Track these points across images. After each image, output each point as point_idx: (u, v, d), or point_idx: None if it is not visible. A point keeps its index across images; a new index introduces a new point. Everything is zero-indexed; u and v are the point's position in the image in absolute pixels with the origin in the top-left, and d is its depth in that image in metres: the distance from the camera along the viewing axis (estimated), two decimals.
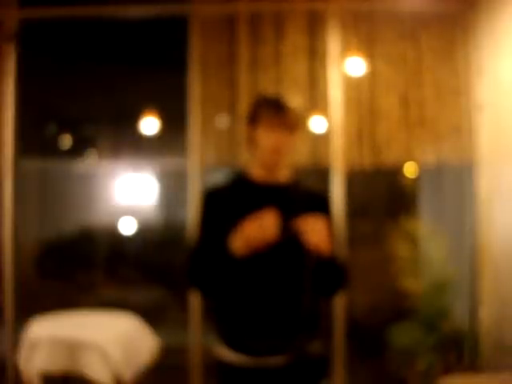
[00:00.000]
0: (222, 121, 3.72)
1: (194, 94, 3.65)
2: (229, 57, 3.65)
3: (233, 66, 3.64)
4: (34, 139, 4.55)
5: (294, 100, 3.52)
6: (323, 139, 3.67)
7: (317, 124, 3.71)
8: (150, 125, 4.36)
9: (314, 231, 1.79)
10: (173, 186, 4.90)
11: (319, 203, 1.99)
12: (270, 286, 1.84)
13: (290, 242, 1.81)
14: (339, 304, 3.57)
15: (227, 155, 3.64)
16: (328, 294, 2.09)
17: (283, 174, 1.98)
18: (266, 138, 1.89)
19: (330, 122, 3.67)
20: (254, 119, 1.94)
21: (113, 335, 3.02)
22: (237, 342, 1.86)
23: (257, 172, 1.97)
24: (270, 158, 1.92)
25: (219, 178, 2.07)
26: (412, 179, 4.36)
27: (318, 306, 1.94)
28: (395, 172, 4.28)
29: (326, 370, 1.98)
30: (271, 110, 1.90)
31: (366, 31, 3.68)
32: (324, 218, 1.84)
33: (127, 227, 4.90)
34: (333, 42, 3.66)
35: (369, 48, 3.68)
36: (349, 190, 3.63)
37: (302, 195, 1.96)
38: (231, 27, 3.65)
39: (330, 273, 1.91)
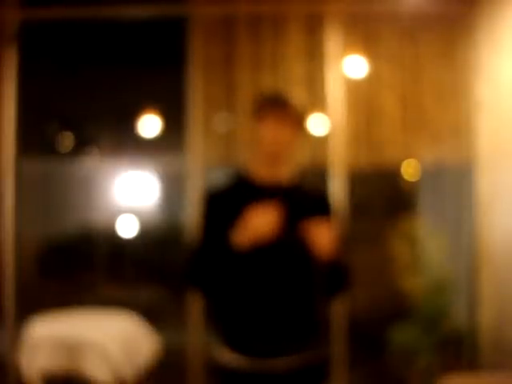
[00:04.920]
0: (222, 121, 3.72)
1: (194, 94, 3.65)
2: (228, 57, 3.65)
3: (232, 66, 3.65)
4: (34, 139, 4.55)
5: (294, 100, 3.52)
6: (323, 140, 3.68)
7: (317, 124, 3.72)
8: (150, 125, 4.37)
9: (320, 235, 1.79)
10: (173, 186, 4.90)
11: (322, 205, 1.99)
12: (276, 287, 1.83)
13: (295, 244, 1.81)
14: (339, 304, 3.57)
15: (227, 155, 3.64)
16: (331, 296, 2.08)
17: (285, 174, 1.96)
18: (268, 131, 1.88)
19: (330, 122, 3.67)
20: (258, 117, 1.93)
21: (113, 335, 3.03)
22: (240, 344, 1.84)
23: (259, 171, 1.94)
24: (270, 150, 1.89)
25: (220, 178, 2.05)
26: (412, 179, 4.36)
27: (322, 307, 1.95)
28: (395, 172, 4.28)
29: (327, 372, 1.98)
30: (274, 107, 1.90)
31: (365, 32, 3.68)
32: (328, 221, 1.84)
33: (127, 227, 4.90)
34: (332, 43, 3.66)
35: (368, 48, 3.69)
36: (349, 190, 3.63)
37: (305, 197, 1.95)
38: (231, 28, 3.66)
39: (334, 275, 1.91)
